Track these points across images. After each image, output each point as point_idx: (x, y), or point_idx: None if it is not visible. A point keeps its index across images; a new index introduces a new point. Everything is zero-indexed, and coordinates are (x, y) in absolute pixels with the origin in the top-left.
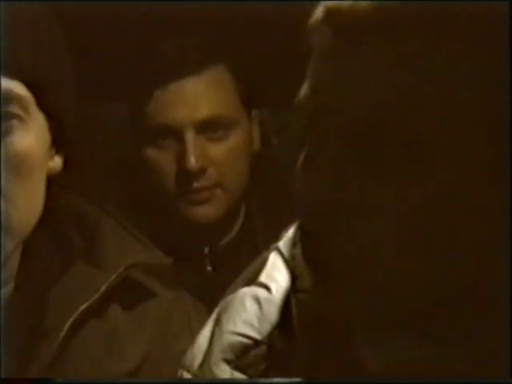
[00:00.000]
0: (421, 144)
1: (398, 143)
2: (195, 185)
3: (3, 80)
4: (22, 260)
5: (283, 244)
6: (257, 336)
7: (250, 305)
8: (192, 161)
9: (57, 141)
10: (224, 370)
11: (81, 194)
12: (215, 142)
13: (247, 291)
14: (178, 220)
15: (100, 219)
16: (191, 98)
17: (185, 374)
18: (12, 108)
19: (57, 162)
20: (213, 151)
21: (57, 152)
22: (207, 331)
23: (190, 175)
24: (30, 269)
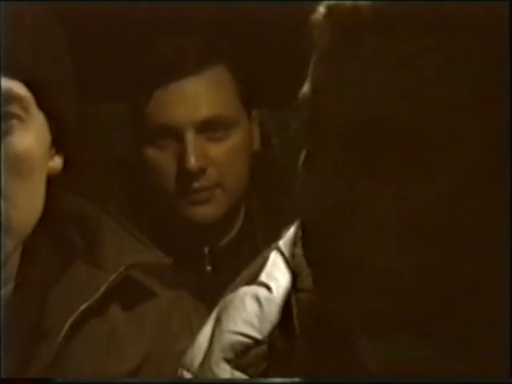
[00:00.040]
0: (421, 144)
1: (398, 143)
2: (195, 185)
3: (3, 80)
4: (22, 260)
5: (284, 243)
6: (257, 335)
7: (251, 304)
8: (192, 161)
9: (57, 141)
10: (224, 370)
11: (81, 194)
12: (215, 142)
13: (247, 290)
14: (178, 220)
15: (100, 219)
16: (191, 98)
17: (185, 374)
18: (12, 108)
19: (57, 162)
20: (213, 151)
21: (57, 152)
22: (207, 330)
23: (190, 175)
24: (30, 269)
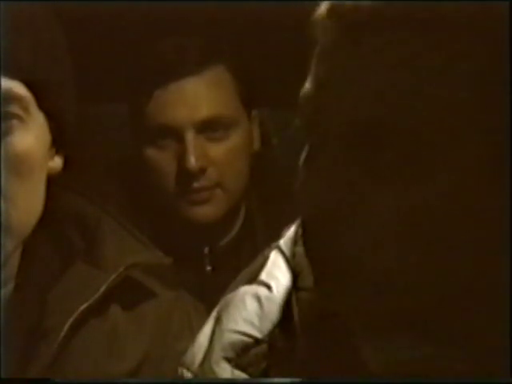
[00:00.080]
0: (421, 144)
1: (399, 143)
2: (195, 185)
3: (3, 80)
4: (22, 260)
5: (284, 242)
6: (257, 334)
7: (251, 303)
8: (192, 161)
9: (57, 141)
10: (224, 369)
11: (81, 194)
12: (215, 142)
13: (248, 289)
14: (178, 220)
15: (100, 219)
16: (191, 98)
17: (185, 373)
18: (12, 108)
19: (57, 162)
20: (213, 151)
21: (57, 152)
22: (208, 329)
23: (190, 175)
24: (30, 269)
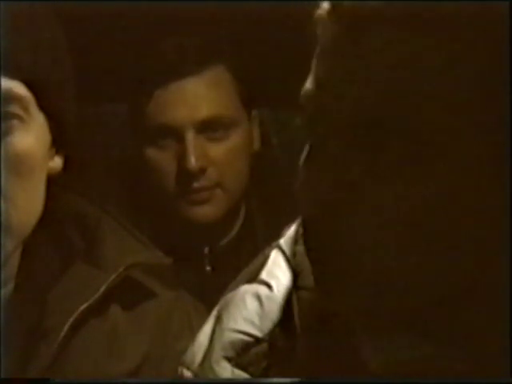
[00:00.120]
0: (421, 144)
1: (399, 143)
2: (195, 185)
3: (3, 80)
4: (22, 260)
5: (284, 241)
6: (258, 334)
7: (251, 302)
8: (192, 161)
9: (57, 141)
10: (225, 368)
11: (81, 194)
12: (215, 142)
13: (248, 288)
14: (178, 220)
15: (100, 219)
16: (191, 98)
17: (185, 372)
18: (12, 108)
19: (57, 162)
20: (213, 151)
21: (57, 152)
22: (208, 329)
23: (190, 175)
24: (30, 269)
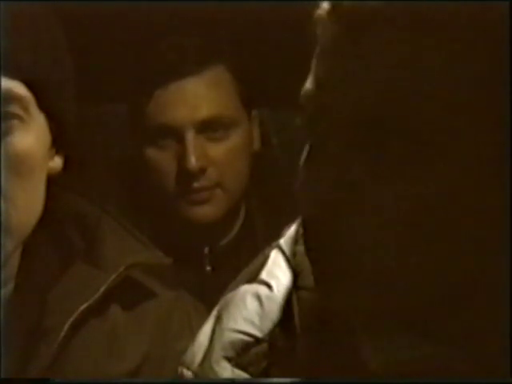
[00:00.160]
0: (421, 144)
1: (399, 143)
2: (195, 185)
3: (3, 80)
4: (22, 260)
5: (284, 241)
6: (258, 334)
7: (251, 302)
8: (192, 161)
9: (57, 141)
10: (225, 368)
11: (81, 194)
12: (215, 142)
13: (248, 288)
14: (178, 220)
15: (100, 219)
16: (191, 98)
17: (185, 372)
18: (12, 108)
19: (57, 162)
20: (213, 151)
21: (57, 152)
22: (208, 329)
23: (190, 175)
24: (30, 269)
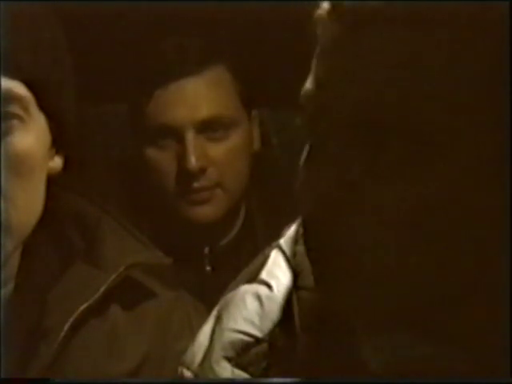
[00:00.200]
0: (421, 144)
1: (399, 143)
2: (195, 185)
3: (3, 80)
4: (22, 260)
5: (285, 241)
6: (258, 334)
7: (251, 302)
8: (192, 161)
9: (57, 141)
10: (225, 368)
11: (81, 194)
12: (215, 142)
13: (248, 288)
14: (178, 220)
15: (100, 219)
16: (191, 98)
17: (185, 372)
18: (12, 108)
19: (57, 162)
20: (213, 151)
21: (57, 152)
22: (208, 329)
23: (190, 175)
24: (30, 269)
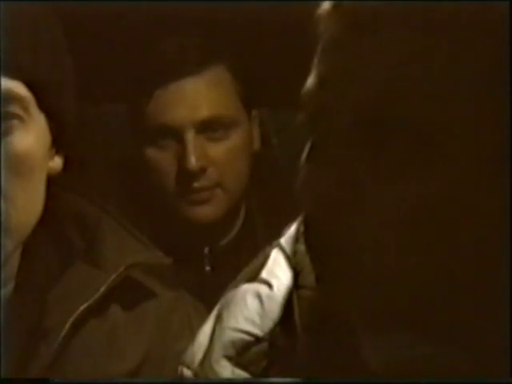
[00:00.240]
0: (421, 143)
1: (399, 143)
2: (195, 185)
3: (3, 80)
4: (22, 260)
5: (285, 240)
6: (258, 333)
7: (252, 301)
8: (192, 161)
9: (57, 141)
10: (225, 367)
11: (81, 194)
12: (215, 142)
13: (248, 288)
14: (178, 220)
15: (100, 219)
16: (191, 98)
17: (185, 371)
18: (12, 108)
19: (57, 163)
20: (213, 151)
21: (57, 152)
22: (208, 328)
23: (190, 175)
24: (30, 269)
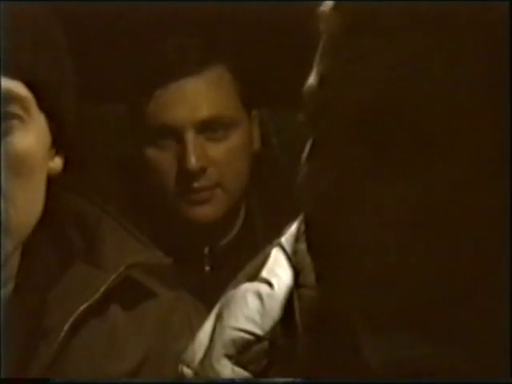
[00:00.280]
0: (421, 143)
1: (399, 142)
2: (195, 185)
3: (3, 80)
4: (22, 260)
5: (285, 239)
6: (259, 332)
7: (252, 300)
8: (192, 161)
9: (57, 141)
10: (225, 366)
11: (81, 194)
12: (215, 142)
13: (249, 287)
14: (178, 220)
15: (100, 219)
16: (191, 98)
17: (185, 370)
18: (12, 108)
19: (57, 163)
20: (213, 151)
21: (57, 152)
22: (208, 327)
23: (190, 175)
24: (30, 269)
